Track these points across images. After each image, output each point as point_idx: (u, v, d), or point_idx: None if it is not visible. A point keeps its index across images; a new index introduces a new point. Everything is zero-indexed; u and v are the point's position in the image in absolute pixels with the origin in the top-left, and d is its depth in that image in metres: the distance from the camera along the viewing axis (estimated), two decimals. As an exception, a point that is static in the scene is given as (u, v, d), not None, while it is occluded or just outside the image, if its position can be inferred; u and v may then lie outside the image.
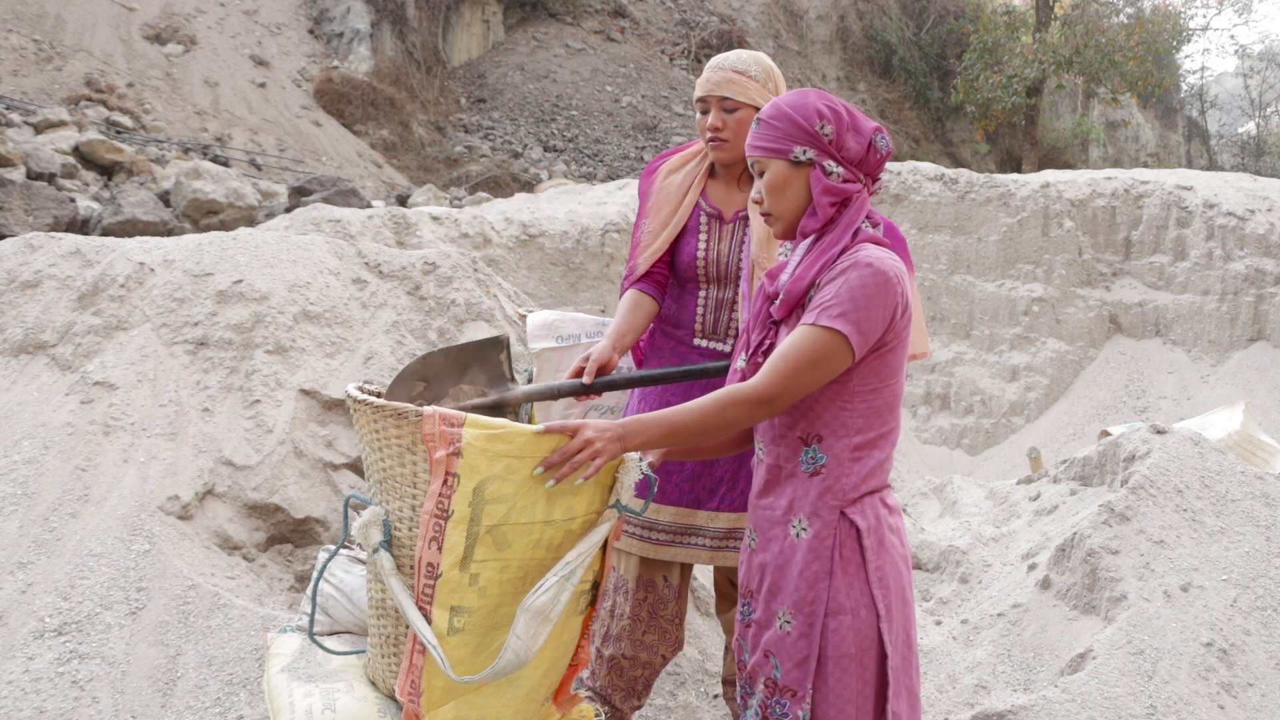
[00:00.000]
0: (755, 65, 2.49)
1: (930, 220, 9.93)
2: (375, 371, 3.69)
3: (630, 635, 2.56)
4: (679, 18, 25.28)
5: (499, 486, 1.79)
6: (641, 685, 2.61)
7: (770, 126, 1.93)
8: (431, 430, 1.78)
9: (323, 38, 20.89)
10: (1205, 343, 9.34)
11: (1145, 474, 3.55)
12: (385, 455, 1.89)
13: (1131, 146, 30.73)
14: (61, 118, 13.05)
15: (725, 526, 2.52)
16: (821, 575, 1.86)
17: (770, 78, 2.50)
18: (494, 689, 1.92)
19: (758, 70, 2.49)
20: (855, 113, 1.95)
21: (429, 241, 6.82)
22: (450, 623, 1.83)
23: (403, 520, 1.89)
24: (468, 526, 1.79)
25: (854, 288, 1.81)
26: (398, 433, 1.85)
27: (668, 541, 2.53)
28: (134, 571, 2.97)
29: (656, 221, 2.60)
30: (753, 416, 1.84)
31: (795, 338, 1.83)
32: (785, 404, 1.84)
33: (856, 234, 1.91)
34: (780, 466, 1.94)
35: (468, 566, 1.81)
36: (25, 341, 3.63)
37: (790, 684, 1.88)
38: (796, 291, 1.91)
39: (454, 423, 1.78)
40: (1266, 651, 3.07)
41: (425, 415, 1.79)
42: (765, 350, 1.98)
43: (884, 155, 1.96)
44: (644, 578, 2.57)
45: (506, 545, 1.83)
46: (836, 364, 1.81)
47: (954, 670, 3.36)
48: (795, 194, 1.93)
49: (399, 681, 1.90)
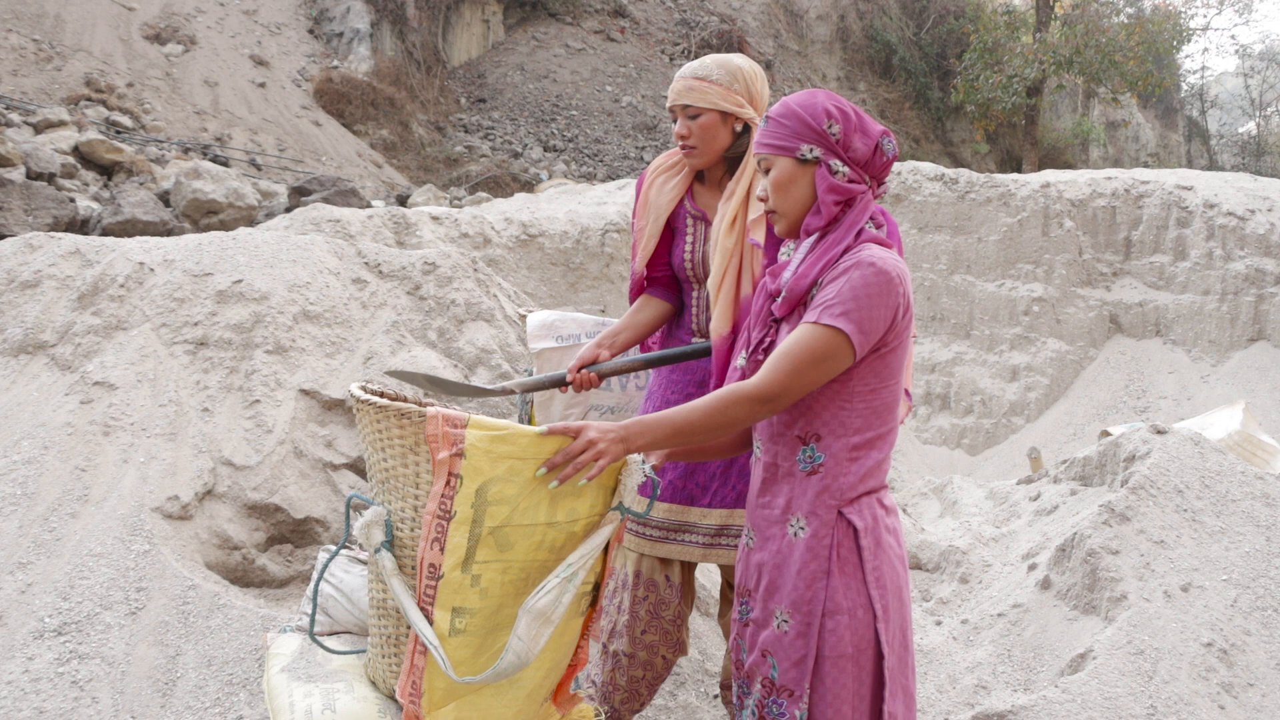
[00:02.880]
0: (718, 69, 2.49)
1: (930, 220, 9.93)
2: (375, 372, 3.69)
3: (629, 631, 2.56)
4: (679, 18, 25.27)
5: (502, 488, 1.79)
6: (645, 689, 2.61)
7: (778, 124, 1.95)
8: (435, 431, 1.78)
9: (322, 38, 20.88)
10: (1205, 343, 9.33)
11: (1145, 474, 3.55)
12: (388, 455, 1.89)
13: (1131, 146, 30.72)
14: (61, 118, 13.05)
15: (717, 523, 2.53)
16: (819, 575, 1.86)
17: (737, 79, 2.48)
18: (495, 690, 1.92)
19: (720, 74, 2.48)
20: (863, 115, 1.97)
21: (429, 241, 6.82)
22: (452, 624, 1.83)
23: (405, 520, 1.88)
24: (470, 528, 1.79)
25: (856, 287, 1.81)
26: (400, 433, 1.85)
27: (660, 538, 2.55)
28: (134, 571, 2.97)
29: (644, 221, 2.65)
30: (754, 415, 1.84)
31: (797, 336, 1.84)
32: (787, 402, 1.84)
33: (860, 234, 1.92)
34: (778, 465, 1.95)
35: (469, 567, 1.81)
36: (25, 341, 3.62)
37: (788, 683, 1.88)
38: (799, 289, 1.92)
39: (457, 424, 1.78)
40: (1267, 651, 3.06)
41: (429, 416, 1.79)
42: (766, 348, 1.99)
43: (890, 158, 1.97)
44: (646, 576, 2.57)
45: (509, 547, 1.83)
46: (838, 363, 1.82)
47: (954, 670, 3.36)
48: (800, 192, 1.95)
49: (400, 682, 1.90)
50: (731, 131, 2.49)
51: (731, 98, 2.46)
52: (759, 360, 1.98)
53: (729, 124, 2.48)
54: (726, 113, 2.46)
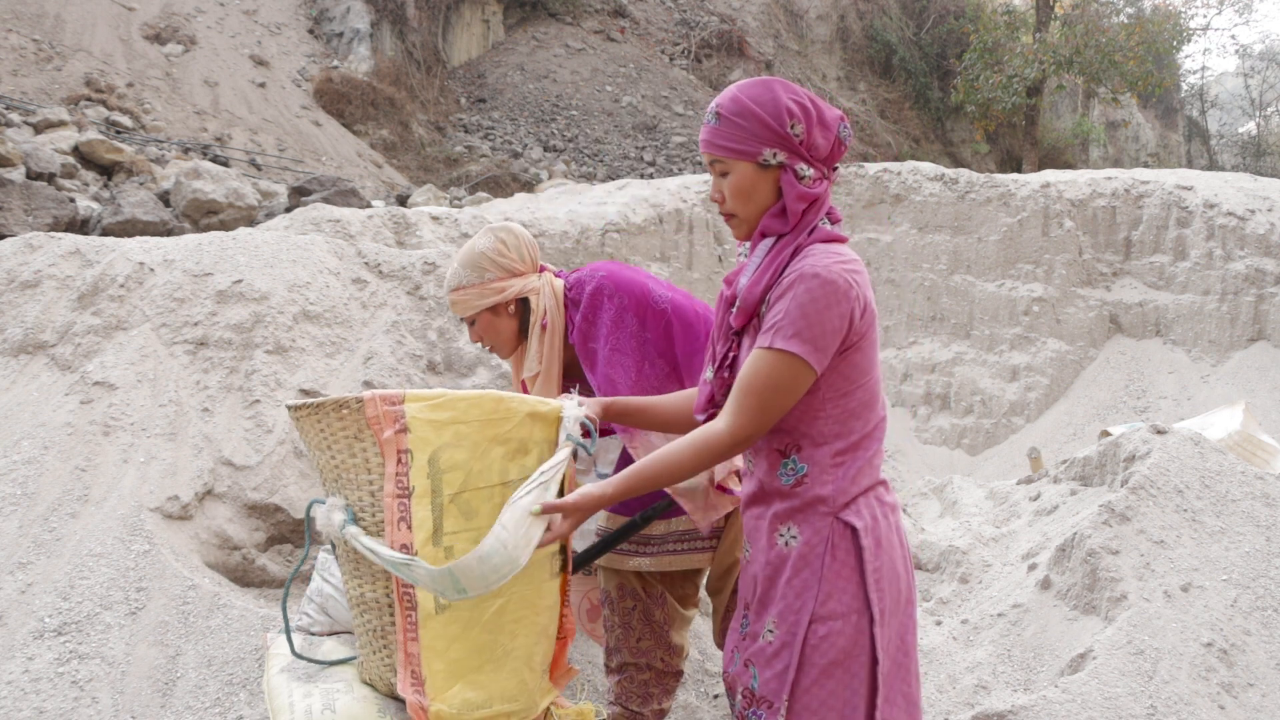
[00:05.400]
0: (465, 271, 2.46)
1: (930, 220, 9.93)
2: (375, 372, 3.68)
3: (626, 644, 2.60)
4: (679, 18, 25.27)
5: (451, 454, 1.83)
6: (655, 688, 2.63)
7: (734, 125, 1.82)
8: (375, 412, 1.83)
9: (322, 38, 20.88)
10: (1205, 343, 9.33)
11: (1145, 474, 3.55)
12: (334, 451, 1.92)
13: (1131, 146, 30.71)
14: (61, 118, 13.04)
15: (681, 529, 2.55)
16: (810, 583, 1.81)
17: (484, 268, 2.44)
18: (493, 663, 1.93)
19: (468, 274, 2.45)
20: (819, 102, 1.86)
21: (429, 241, 6.82)
22: (436, 600, 1.86)
23: (365, 509, 1.90)
24: (431, 499, 1.83)
25: (804, 304, 1.74)
26: (341, 424, 1.88)
27: (630, 552, 2.56)
28: (134, 571, 2.97)
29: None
30: (733, 455, 1.84)
31: (756, 368, 1.78)
32: (761, 434, 1.83)
33: (814, 231, 1.84)
34: (764, 480, 1.92)
35: (440, 540, 1.84)
36: (25, 341, 3.62)
37: (766, 694, 1.84)
38: (752, 299, 1.85)
39: (394, 401, 1.83)
40: (1267, 651, 3.06)
41: (365, 400, 1.84)
42: (731, 364, 1.93)
43: (847, 145, 1.88)
44: (625, 586, 2.61)
45: (473, 514, 1.86)
46: (801, 384, 1.78)
47: (954, 670, 3.36)
48: (762, 196, 1.85)
49: (400, 678, 1.90)
50: (515, 313, 2.49)
51: (490, 289, 2.44)
52: (724, 377, 1.93)
53: (506, 310, 2.47)
54: (494, 310, 2.46)
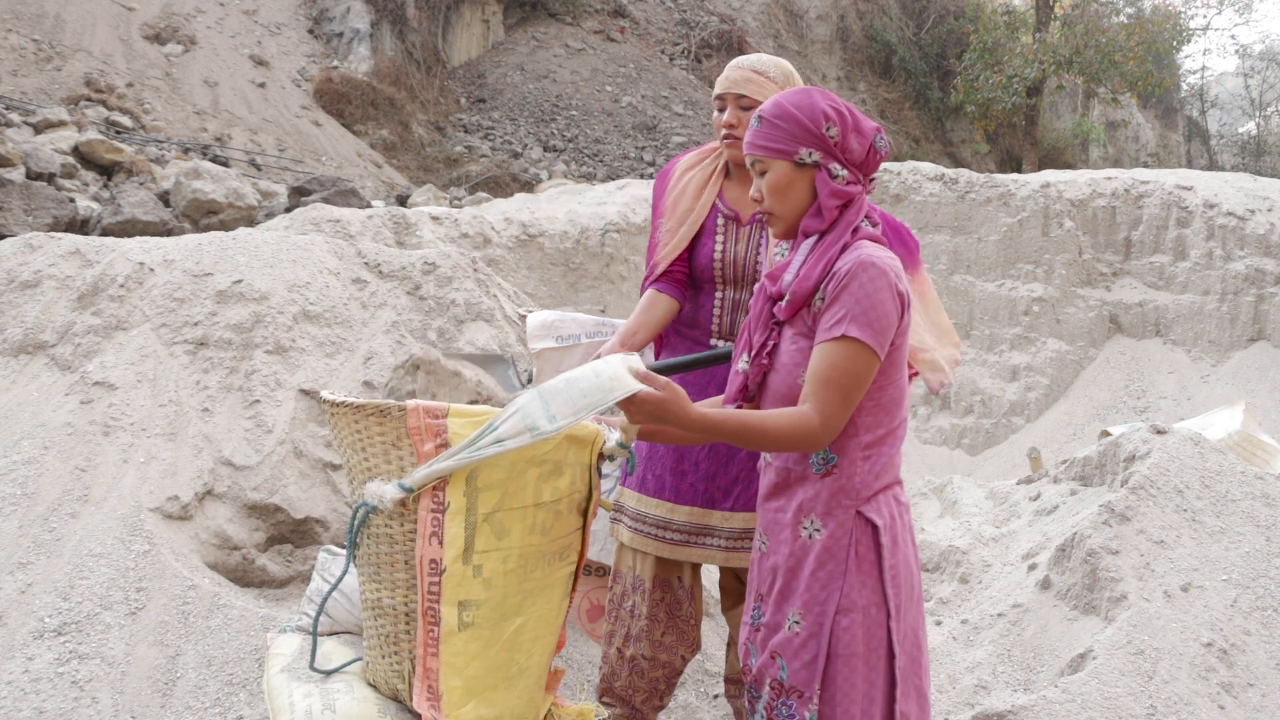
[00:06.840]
0: (775, 68, 2.51)
1: (930, 220, 9.93)
2: (375, 371, 3.68)
3: (649, 635, 2.54)
4: (679, 18, 25.26)
5: (490, 473, 1.81)
6: (664, 685, 2.61)
7: (774, 126, 1.92)
8: (417, 424, 1.81)
9: (322, 38, 20.88)
10: (1205, 343, 9.32)
11: (1145, 474, 3.55)
12: (369, 453, 1.90)
13: (1131, 146, 30.71)
14: (61, 118, 13.04)
15: (739, 527, 2.51)
16: (836, 575, 1.85)
17: (790, 81, 2.50)
18: (507, 682, 1.93)
19: (776, 73, 2.50)
20: (856, 113, 1.96)
21: (429, 241, 6.82)
22: (460, 618, 1.84)
23: (394, 517, 1.89)
24: (465, 516, 1.81)
25: (868, 292, 1.81)
26: (380, 430, 1.86)
27: (682, 541, 2.52)
28: (134, 572, 2.97)
29: (674, 219, 2.60)
30: (818, 449, 1.84)
31: (829, 359, 1.82)
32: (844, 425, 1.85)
33: (856, 231, 1.91)
34: (790, 469, 1.93)
35: (470, 558, 1.82)
36: (25, 341, 3.62)
37: (797, 684, 1.87)
38: (802, 292, 1.90)
39: (438, 414, 1.80)
40: (1267, 651, 3.06)
41: (409, 409, 1.81)
42: (769, 352, 1.97)
43: (882, 156, 1.97)
44: (660, 577, 2.56)
45: (505, 533, 1.85)
46: (872, 371, 1.83)
47: (954, 670, 3.36)
48: (799, 195, 1.93)
49: (416, 692, 1.88)
50: None
51: None
52: (762, 364, 1.97)
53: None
54: None
